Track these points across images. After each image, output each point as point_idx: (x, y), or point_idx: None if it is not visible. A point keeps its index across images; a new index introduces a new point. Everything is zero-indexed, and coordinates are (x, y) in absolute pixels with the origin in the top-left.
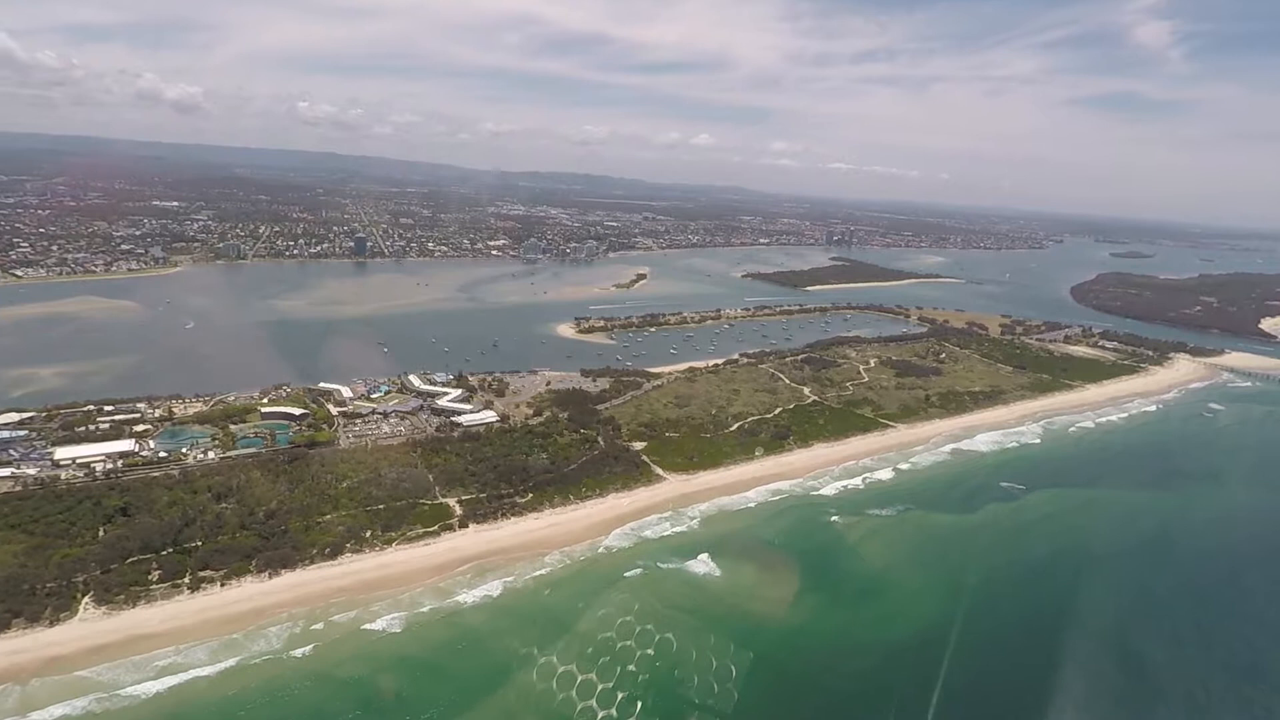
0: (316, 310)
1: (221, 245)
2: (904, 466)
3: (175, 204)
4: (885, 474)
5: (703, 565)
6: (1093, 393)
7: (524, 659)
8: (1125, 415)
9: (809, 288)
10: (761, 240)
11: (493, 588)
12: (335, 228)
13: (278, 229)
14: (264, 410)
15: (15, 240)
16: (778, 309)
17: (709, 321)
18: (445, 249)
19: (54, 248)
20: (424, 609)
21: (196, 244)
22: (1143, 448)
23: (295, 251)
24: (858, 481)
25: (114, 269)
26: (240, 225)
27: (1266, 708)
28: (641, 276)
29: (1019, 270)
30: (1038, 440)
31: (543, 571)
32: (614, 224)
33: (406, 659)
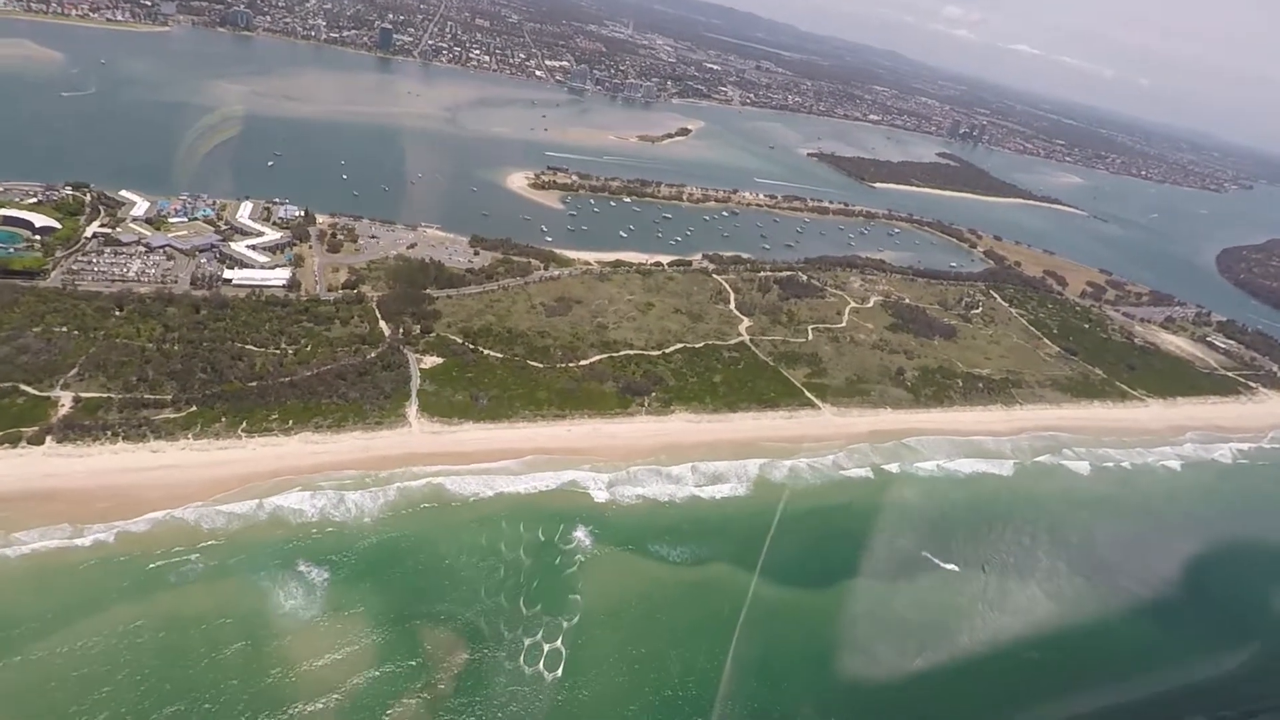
0: (254, 101)
1: (230, 12)
2: (776, 477)
3: None
4: (737, 484)
5: (296, 590)
6: (1151, 412)
7: None
8: (1174, 460)
9: (879, 184)
10: (872, 117)
11: None
12: (392, 14)
13: (329, 5)
14: (5, 213)
15: None
16: (810, 203)
17: (711, 203)
18: (487, 60)
19: None
20: None
21: (220, 6)
22: (1176, 530)
23: (310, 33)
24: (687, 485)
25: (92, 16)
26: None
27: None
28: (685, 132)
29: (1173, 213)
30: (1010, 474)
31: (52, 544)
32: (715, 67)
33: None
